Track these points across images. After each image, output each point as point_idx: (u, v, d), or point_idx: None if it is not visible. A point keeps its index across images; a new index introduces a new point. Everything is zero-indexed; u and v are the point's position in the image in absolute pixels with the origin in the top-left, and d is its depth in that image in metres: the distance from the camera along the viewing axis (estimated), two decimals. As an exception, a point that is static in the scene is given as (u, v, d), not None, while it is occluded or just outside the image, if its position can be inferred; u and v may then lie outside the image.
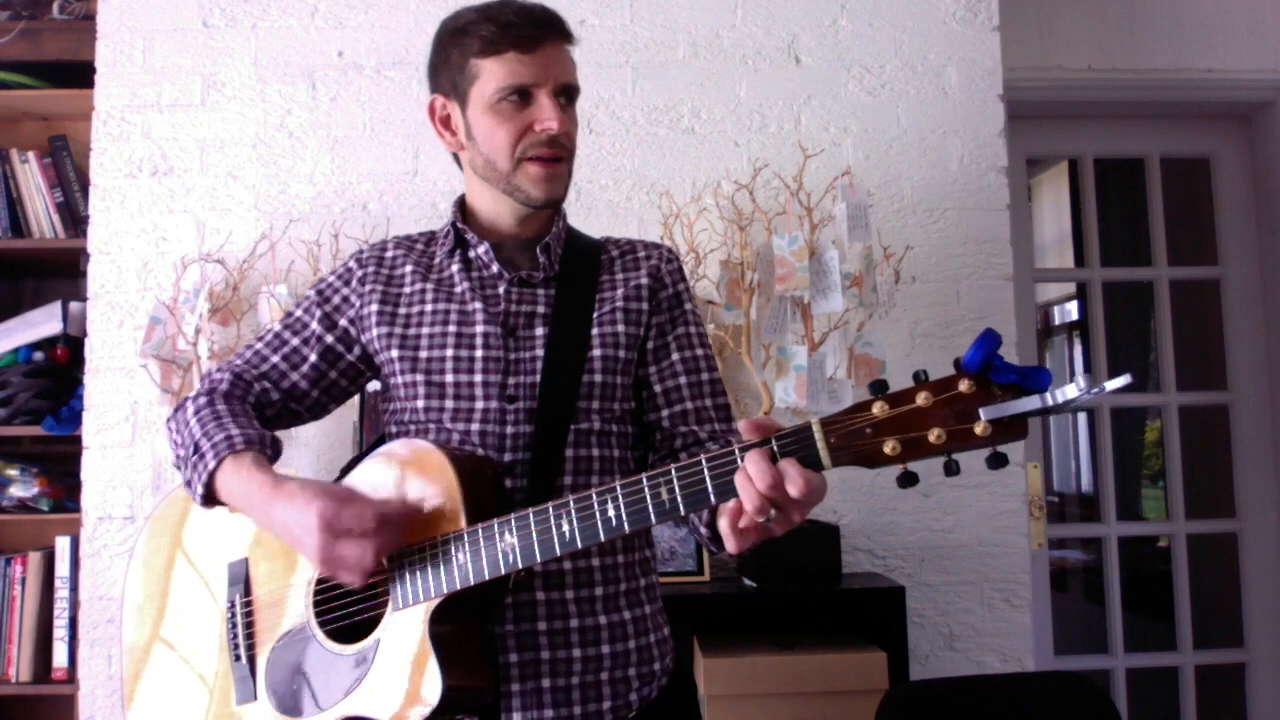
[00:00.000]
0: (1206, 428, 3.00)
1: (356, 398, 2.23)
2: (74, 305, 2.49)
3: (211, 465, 1.16)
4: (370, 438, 2.27)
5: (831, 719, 1.91)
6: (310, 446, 2.30)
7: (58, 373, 2.47)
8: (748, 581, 2.13)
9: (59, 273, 2.66)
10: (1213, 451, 2.95)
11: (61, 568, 2.35)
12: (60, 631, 2.33)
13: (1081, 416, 4.02)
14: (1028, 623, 2.35)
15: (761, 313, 2.26)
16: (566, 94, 1.27)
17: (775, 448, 0.94)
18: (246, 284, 2.32)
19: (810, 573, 2.09)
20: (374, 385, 1.47)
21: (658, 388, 1.31)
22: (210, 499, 1.19)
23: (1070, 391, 0.83)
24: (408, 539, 1.12)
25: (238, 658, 1.22)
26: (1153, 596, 3.03)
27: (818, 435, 0.93)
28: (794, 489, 0.92)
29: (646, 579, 1.30)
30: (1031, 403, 0.85)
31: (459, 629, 1.12)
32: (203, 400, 1.26)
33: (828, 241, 2.22)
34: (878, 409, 0.90)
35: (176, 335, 2.25)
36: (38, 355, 2.48)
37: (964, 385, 0.88)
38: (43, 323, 2.49)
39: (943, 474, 0.92)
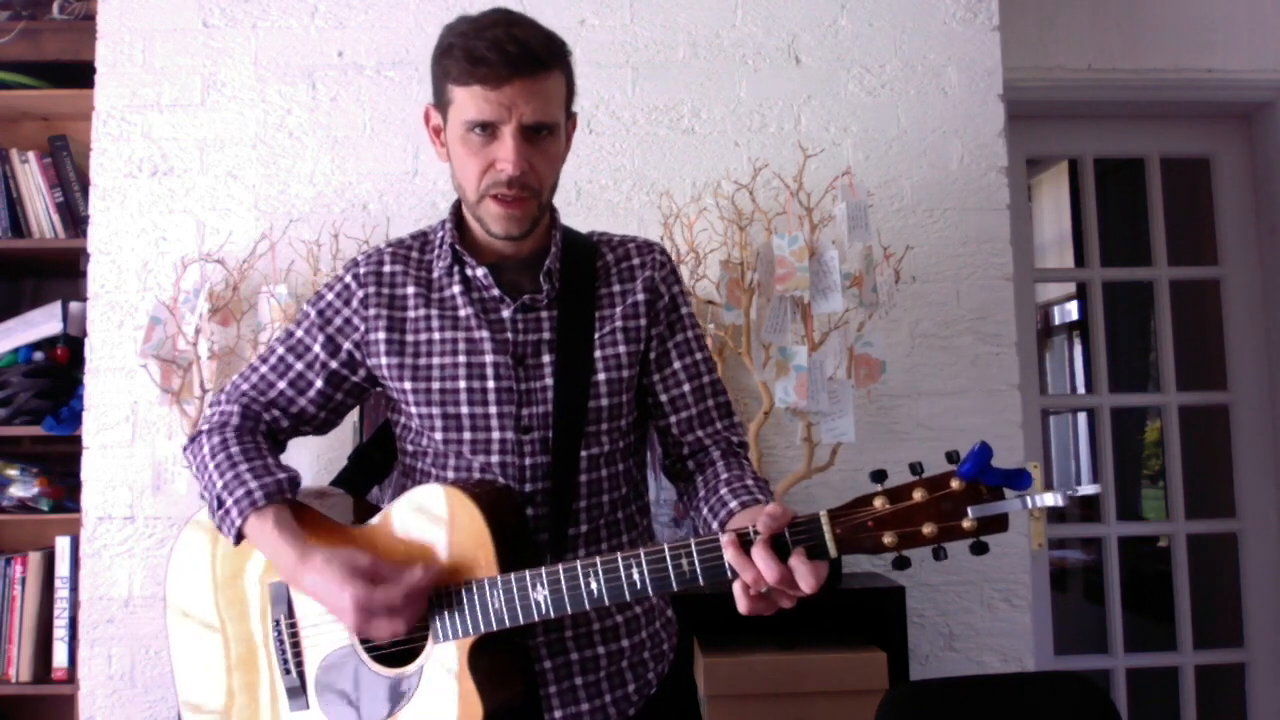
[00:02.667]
0: (1206, 428, 2.99)
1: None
2: (74, 305, 2.49)
3: (238, 523, 1.22)
4: (370, 434, 2.27)
5: (831, 719, 1.91)
6: (310, 447, 2.30)
7: (58, 373, 2.47)
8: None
9: (59, 273, 2.66)
10: (1213, 451, 2.95)
11: (61, 568, 2.35)
12: (60, 631, 2.33)
13: (1082, 416, 4.03)
14: (1028, 623, 2.35)
15: (761, 313, 2.26)
16: (538, 130, 1.24)
17: (788, 536, 1.04)
18: (246, 284, 2.32)
19: (810, 573, 2.09)
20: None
21: (663, 397, 1.35)
22: (240, 541, 1.26)
23: (1047, 499, 0.97)
24: (443, 581, 1.19)
25: (287, 671, 1.28)
26: (1153, 596, 3.03)
27: (825, 527, 1.04)
28: (805, 585, 1.02)
29: None
30: (1014, 505, 0.99)
31: (495, 654, 1.22)
32: (216, 440, 1.29)
33: (828, 241, 2.22)
34: (879, 503, 1.03)
35: (176, 335, 2.25)
36: (38, 355, 2.48)
37: (955, 484, 1.01)
38: (43, 323, 2.49)
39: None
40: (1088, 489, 1.00)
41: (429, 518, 1.22)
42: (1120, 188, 3.44)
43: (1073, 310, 4.15)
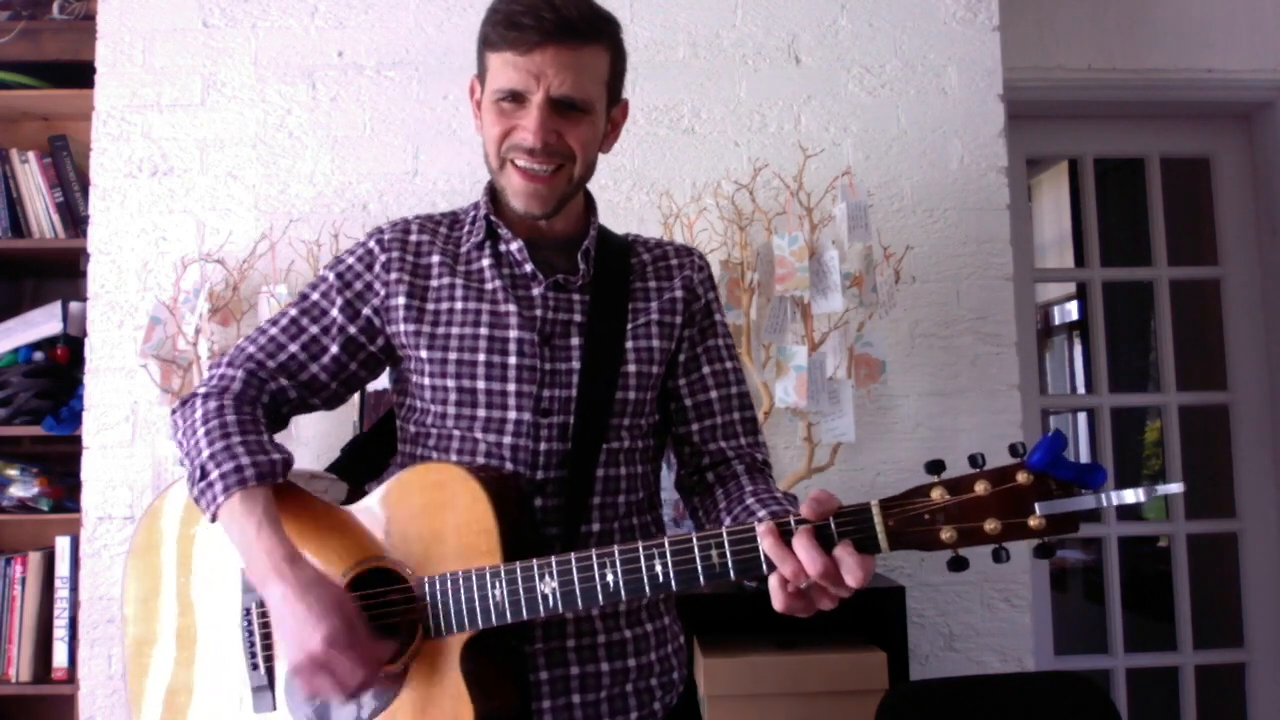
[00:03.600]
0: (1206, 428, 2.99)
1: (356, 396, 2.23)
2: (74, 305, 2.49)
3: (221, 499, 1.12)
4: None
5: (831, 719, 1.91)
6: (310, 446, 2.30)
7: (58, 373, 2.47)
8: (747, 582, 2.12)
9: (59, 273, 2.66)
10: (1213, 451, 2.95)
11: (61, 568, 2.35)
12: (60, 631, 2.33)
13: (1082, 416, 4.03)
14: (1028, 623, 2.34)
15: (761, 313, 2.26)
16: (569, 106, 1.18)
17: (833, 528, 0.95)
18: (246, 284, 2.32)
19: (810, 573, 2.09)
20: (373, 385, 1.45)
21: (688, 401, 1.29)
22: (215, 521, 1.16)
23: (1127, 496, 0.87)
24: (443, 566, 1.10)
25: (255, 666, 1.18)
26: (1153, 596, 3.03)
27: (876, 518, 0.95)
28: (852, 579, 0.93)
29: None
30: (1087, 501, 0.89)
31: (490, 656, 1.12)
32: (212, 405, 1.19)
33: (828, 241, 2.22)
34: (937, 495, 0.93)
35: (176, 335, 2.25)
36: (38, 355, 2.48)
37: (1022, 477, 0.91)
38: (43, 323, 2.49)
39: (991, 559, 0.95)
40: (1171, 488, 0.90)
41: (427, 498, 1.12)
42: (1120, 188, 3.44)
43: (1073, 310, 4.15)
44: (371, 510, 1.17)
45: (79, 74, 2.46)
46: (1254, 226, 2.88)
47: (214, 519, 1.14)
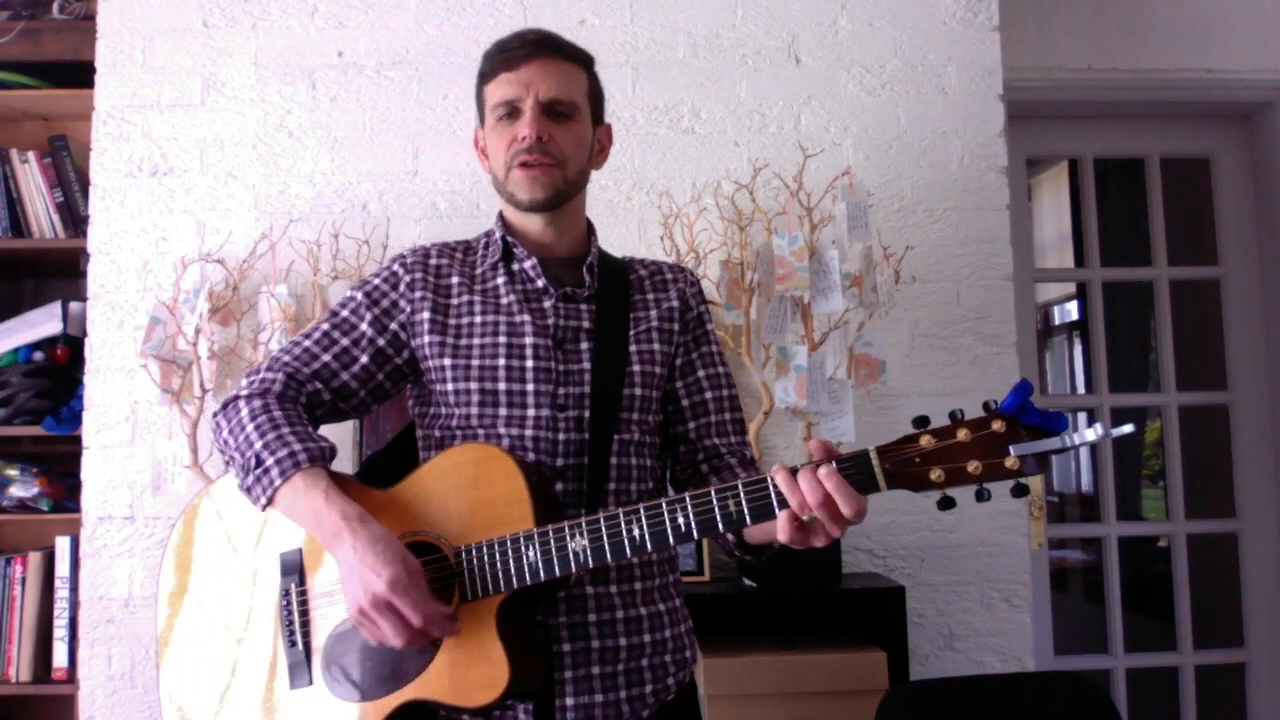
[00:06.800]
0: (1206, 428, 2.99)
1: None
2: (74, 305, 2.49)
3: (278, 482, 1.21)
4: (370, 440, 2.28)
5: (831, 719, 1.91)
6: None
7: (58, 373, 2.47)
8: (748, 581, 2.13)
9: (59, 273, 2.66)
10: (1213, 451, 2.95)
11: (61, 568, 2.35)
12: (60, 631, 2.33)
13: (1082, 416, 4.03)
14: (1028, 623, 2.35)
15: (761, 313, 2.26)
16: (558, 108, 1.34)
17: (835, 468, 1.06)
18: (246, 284, 2.32)
19: (810, 573, 2.09)
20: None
21: (685, 402, 1.41)
22: (269, 506, 1.24)
23: (1087, 435, 1.00)
24: (478, 536, 1.19)
25: (293, 643, 1.26)
26: (1153, 596, 3.03)
27: (874, 460, 1.06)
28: (846, 509, 1.05)
29: (674, 574, 1.42)
30: (1053, 443, 1.02)
31: (520, 621, 1.21)
32: (257, 404, 1.28)
33: (828, 241, 2.23)
34: (925, 441, 1.06)
35: (176, 335, 2.25)
36: (38, 355, 2.47)
37: (997, 425, 1.05)
38: (43, 323, 2.49)
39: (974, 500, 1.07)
40: (1124, 429, 1.02)
41: (463, 475, 1.23)
42: (1120, 188, 3.44)
43: (1073, 310, 4.15)
44: (410, 490, 1.26)
45: (79, 74, 2.46)
46: (1254, 226, 2.88)
47: (270, 503, 1.22)
